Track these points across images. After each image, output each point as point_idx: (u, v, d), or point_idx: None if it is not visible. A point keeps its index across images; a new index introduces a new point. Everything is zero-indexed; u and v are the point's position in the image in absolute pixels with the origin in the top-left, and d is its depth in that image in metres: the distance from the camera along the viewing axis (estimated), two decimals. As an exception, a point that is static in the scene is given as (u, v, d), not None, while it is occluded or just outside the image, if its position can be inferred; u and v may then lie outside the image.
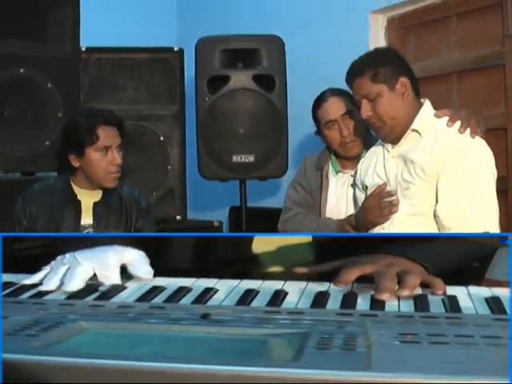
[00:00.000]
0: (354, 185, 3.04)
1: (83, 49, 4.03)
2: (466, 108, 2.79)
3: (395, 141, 2.73)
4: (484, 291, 2.11)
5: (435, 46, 3.82)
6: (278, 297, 2.10)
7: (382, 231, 2.70)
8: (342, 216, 3.16)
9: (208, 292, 2.17)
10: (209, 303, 2.09)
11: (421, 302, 1.99)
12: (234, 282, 2.27)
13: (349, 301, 2.04)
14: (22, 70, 3.70)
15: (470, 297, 2.07)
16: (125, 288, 2.26)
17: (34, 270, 2.41)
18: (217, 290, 2.19)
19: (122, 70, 4.16)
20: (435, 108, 2.78)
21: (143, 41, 4.44)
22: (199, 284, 2.26)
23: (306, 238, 2.57)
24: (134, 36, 4.87)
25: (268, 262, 2.56)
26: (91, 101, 4.07)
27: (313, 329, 1.76)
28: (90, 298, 2.16)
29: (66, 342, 1.72)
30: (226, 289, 2.21)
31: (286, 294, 2.14)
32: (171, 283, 2.28)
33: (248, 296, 2.12)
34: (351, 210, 3.12)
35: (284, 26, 4.24)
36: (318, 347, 1.60)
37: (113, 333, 1.82)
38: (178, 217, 4.19)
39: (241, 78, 3.82)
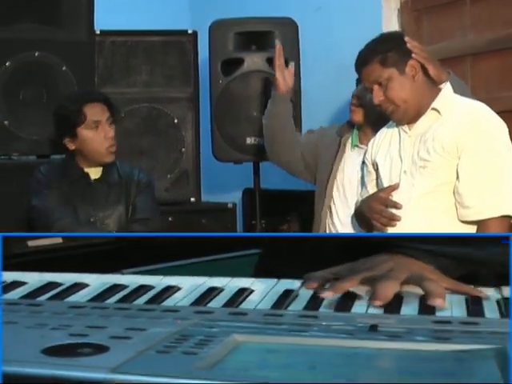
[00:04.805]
0: (363, 164, 3.04)
1: (97, 32, 4.03)
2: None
3: (411, 121, 2.73)
4: None
5: (449, 29, 3.81)
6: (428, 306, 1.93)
7: (397, 212, 2.69)
8: (350, 187, 3.20)
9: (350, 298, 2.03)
10: (354, 310, 1.92)
11: None
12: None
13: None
14: (36, 54, 3.73)
15: None
16: (252, 291, 2.12)
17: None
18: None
19: (137, 53, 4.15)
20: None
21: (156, 24, 4.44)
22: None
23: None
24: (147, 19, 4.87)
25: None
26: (105, 84, 4.08)
27: (504, 344, 1.56)
28: (219, 304, 2.01)
29: (227, 360, 1.49)
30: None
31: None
32: (293, 285, 2.13)
33: (397, 303, 1.96)
34: (357, 188, 3.14)
35: (297, 8, 4.23)
36: None
37: (277, 348, 1.58)
38: (192, 199, 4.20)
39: (254, 61, 3.83)
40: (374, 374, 1.44)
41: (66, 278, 2.33)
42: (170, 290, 2.17)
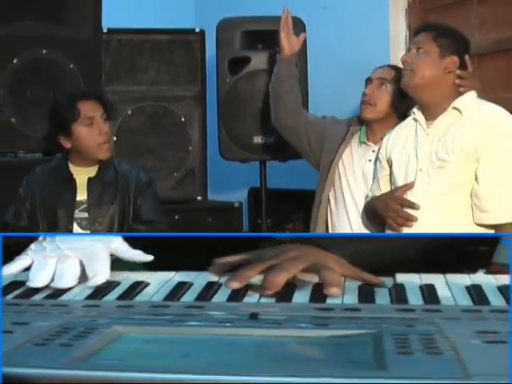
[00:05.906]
0: (376, 159, 3.03)
1: (104, 30, 4.04)
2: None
3: (427, 115, 2.74)
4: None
5: (456, 29, 3.81)
6: (320, 291, 1.95)
7: (413, 211, 2.69)
8: (354, 181, 3.21)
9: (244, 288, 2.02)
10: (246, 300, 1.94)
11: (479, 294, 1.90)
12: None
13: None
14: (44, 52, 3.74)
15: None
16: (147, 284, 2.12)
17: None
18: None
19: (143, 52, 4.16)
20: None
21: (162, 22, 4.45)
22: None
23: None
24: (153, 17, 4.88)
25: None
26: (112, 82, 4.09)
27: (381, 328, 1.59)
28: (112, 298, 2.01)
29: (104, 351, 1.52)
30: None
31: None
32: (194, 278, 2.14)
33: (288, 291, 1.97)
34: (362, 183, 3.18)
35: (304, 8, 4.22)
36: (398, 352, 1.43)
37: (155, 338, 1.61)
38: (198, 197, 4.21)
39: (261, 60, 3.83)
40: (249, 360, 1.45)
41: None
42: None
